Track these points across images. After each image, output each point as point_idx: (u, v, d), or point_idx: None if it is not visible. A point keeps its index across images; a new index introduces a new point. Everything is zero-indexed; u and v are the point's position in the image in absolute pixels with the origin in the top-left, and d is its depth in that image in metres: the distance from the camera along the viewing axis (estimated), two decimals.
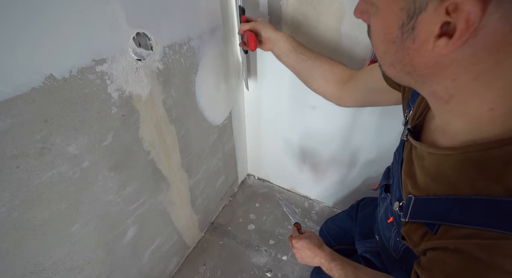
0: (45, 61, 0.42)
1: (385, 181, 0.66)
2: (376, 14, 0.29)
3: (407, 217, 0.39)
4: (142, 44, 0.57)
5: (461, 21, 0.22)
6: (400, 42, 0.28)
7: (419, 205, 0.38)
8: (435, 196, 0.35)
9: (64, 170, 0.51)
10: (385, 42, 0.30)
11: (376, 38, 0.31)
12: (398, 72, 0.32)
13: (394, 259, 0.57)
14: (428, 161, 0.38)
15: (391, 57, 0.30)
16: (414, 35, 0.26)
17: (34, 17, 0.39)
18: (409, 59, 0.28)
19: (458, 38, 0.23)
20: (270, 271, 1.09)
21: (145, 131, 0.66)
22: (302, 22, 0.80)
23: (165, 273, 1.03)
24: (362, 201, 0.92)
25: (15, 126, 0.41)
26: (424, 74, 0.29)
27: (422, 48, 0.26)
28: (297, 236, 0.66)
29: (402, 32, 0.27)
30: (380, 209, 0.65)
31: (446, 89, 0.29)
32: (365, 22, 0.33)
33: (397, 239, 0.54)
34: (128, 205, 0.70)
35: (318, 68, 0.66)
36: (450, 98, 0.30)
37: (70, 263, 0.60)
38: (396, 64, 0.30)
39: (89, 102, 0.51)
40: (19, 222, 0.47)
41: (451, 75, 0.27)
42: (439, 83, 0.29)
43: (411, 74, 0.30)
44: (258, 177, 1.51)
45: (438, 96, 0.31)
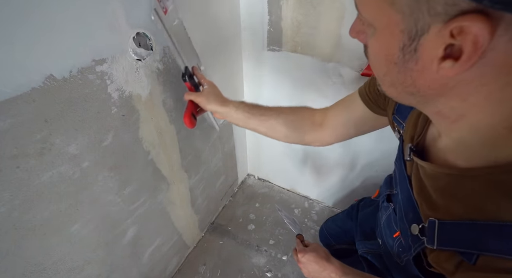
0: (45, 61, 0.42)
1: (388, 191, 0.63)
2: (374, 35, 0.27)
3: (435, 244, 0.35)
4: (142, 44, 0.57)
5: (468, 44, 0.21)
6: (402, 64, 0.26)
7: (446, 230, 0.34)
8: (465, 220, 0.32)
9: (64, 170, 0.51)
10: (385, 63, 0.28)
11: (375, 58, 0.30)
12: (399, 93, 0.30)
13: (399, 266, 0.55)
14: (446, 183, 0.35)
15: (392, 78, 0.29)
16: (417, 56, 0.24)
17: (34, 17, 0.39)
18: (412, 81, 0.27)
19: (465, 61, 0.22)
20: (270, 271, 1.09)
21: (145, 131, 0.66)
22: (302, 22, 0.80)
23: (165, 273, 1.03)
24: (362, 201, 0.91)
25: (15, 126, 0.41)
26: (428, 95, 0.28)
27: (425, 70, 0.25)
28: (302, 250, 0.61)
29: (403, 54, 0.25)
30: (382, 215, 0.64)
31: (453, 109, 0.28)
32: (362, 42, 0.32)
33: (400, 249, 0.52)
34: (128, 205, 0.70)
35: (286, 123, 0.62)
36: (460, 118, 0.28)
37: (70, 263, 0.60)
38: (397, 85, 0.29)
39: (89, 102, 0.51)
40: (19, 222, 0.47)
41: (459, 96, 0.26)
42: (444, 104, 0.28)
43: (414, 95, 0.29)
44: (258, 177, 1.51)
45: (445, 116, 0.30)
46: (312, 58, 0.86)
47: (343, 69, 0.84)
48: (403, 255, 0.51)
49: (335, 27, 0.76)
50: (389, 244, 0.58)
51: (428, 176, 0.38)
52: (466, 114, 0.28)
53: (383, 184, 0.69)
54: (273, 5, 0.81)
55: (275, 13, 0.82)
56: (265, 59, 0.95)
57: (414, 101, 0.30)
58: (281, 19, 0.82)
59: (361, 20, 0.30)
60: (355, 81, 0.85)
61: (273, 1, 0.80)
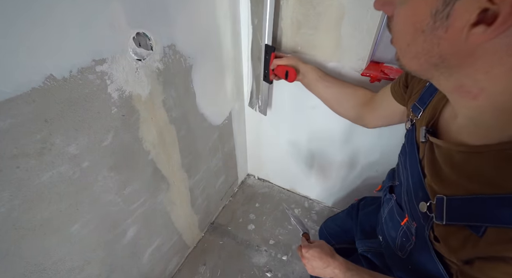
0: (45, 61, 0.42)
1: (390, 182, 0.65)
2: (406, 2, 0.27)
3: (444, 219, 0.36)
4: (142, 44, 0.57)
5: (506, 6, 0.21)
6: (430, 31, 0.26)
7: (455, 205, 0.35)
8: (475, 195, 0.32)
9: (64, 170, 0.51)
10: (411, 32, 0.28)
11: (401, 28, 0.30)
12: (422, 64, 0.30)
13: (400, 259, 0.56)
14: (460, 160, 0.36)
15: (417, 48, 0.28)
16: (448, 23, 0.24)
17: (34, 17, 0.39)
18: (438, 50, 0.27)
19: (500, 25, 0.22)
20: (270, 271, 1.09)
21: (145, 131, 0.66)
22: (302, 22, 0.80)
23: (165, 273, 1.03)
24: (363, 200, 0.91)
25: (15, 126, 0.41)
26: (453, 66, 0.28)
27: (454, 38, 0.25)
28: (307, 245, 0.63)
29: (434, 20, 0.25)
30: (384, 210, 0.65)
31: (476, 82, 0.28)
32: (387, 13, 0.32)
33: (404, 239, 0.53)
34: (128, 205, 0.70)
35: (342, 93, 0.72)
36: (480, 92, 0.28)
37: (70, 263, 0.60)
38: (421, 56, 0.29)
39: (89, 102, 0.51)
40: (19, 222, 0.47)
41: (483, 67, 0.26)
42: (469, 76, 0.28)
43: (437, 66, 0.29)
44: (258, 177, 1.51)
45: (466, 91, 0.29)
46: (312, 58, 0.86)
47: (343, 69, 0.84)
48: (407, 244, 0.52)
49: (335, 27, 0.76)
50: (391, 237, 0.58)
51: (442, 154, 0.39)
52: (487, 88, 0.28)
53: (386, 177, 0.71)
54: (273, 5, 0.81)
55: (275, 13, 0.82)
56: None
57: (437, 73, 0.30)
58: (281, 19, 0.82)
59: None
60: (355, 81, 0.84)
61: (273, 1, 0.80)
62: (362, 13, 0.70)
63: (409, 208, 0.51)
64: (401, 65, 0.33)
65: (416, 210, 0.45)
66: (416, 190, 0.46)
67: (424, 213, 0.42)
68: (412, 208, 0.48)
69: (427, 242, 0.45)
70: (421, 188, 0.43)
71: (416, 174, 0.46)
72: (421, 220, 0.44)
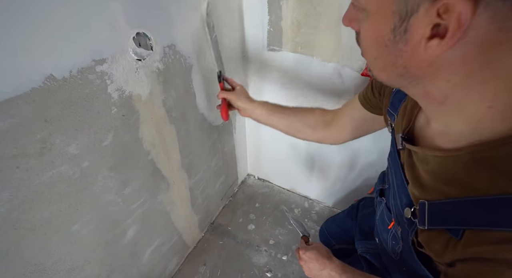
0: (45, 61, 0.42)
1: (380, 186, 0.66)
2: (367, 19, 0.29)
3: (426, 224, 0.37)
4: (142, 44, 0.57)
5: (453, 21, 0.23)
6: (392, 45, 0.28)
7: (436, 210, 0.36)
8: (452, 199, 0.33)
9: (64, 170, 0.51)
10: (376, 46, 0.30)
11: (367, 43, 0.32)
12: (389, 76, 0.32)
13: (394, 260, 0.57)
14: (435, 165, 0.37)
15: (383, 61, 0.30)
16: (406, 37, 0.26)
17: (34, 17, 0.39)
18: (402, 62, 0.28)
19: (450, 38, 0.24)
20: (270, 271, 1.09)
21: (145, 131, 0.66)
22: (302, 22, 0.80)
23: (165, 273, 1.03)
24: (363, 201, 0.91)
25: (15, 126, 0.41)
26: (417, 76, 0.29)
27: (414, 50, 0.27)
28: (304, 247, 0.63)
29: (394, 35, 0.27)
30: (377, 212, 0.65)
31: (439, 90, 0.29)
32: (354, 29, 0.34)
33: (393, 242, 0.54)
34: (128, 205, 0.70)
35: (300, 121, 0.69)
36: (445, 99, 0.30)
37: (70, 263, 0.60)
38: (388, 67, 0.31)
39: (89, 102, 0.51)
40: (19, 222, 0.47)
41: (444, 75, 0.28)
42: (432, 84, 0.29)
43: (403, 76, 0.30)
44: (258, 177, 1.51)
45: (432, 98, 0.31)
46: (312, 58, 0.86)
47: (343, 69, 0.84)
48: (397, 247, 0.52)
49: (335, 27, 0.76)
50: (384, 239, 0.59)
51: (419, 160, 0.40)
52: (451, 95, 0.29)
53: (378, 180, 0.72)
54: (273, 5, 0.81)
55: (275, 13, 0.82)
56: (265, 59, 0.95)
57: (405, 82, 0.32)
58: (281, 19, 0.82)
59: (355, 7, 0.32)
60: (355, 81, 0.85)
61: (273, 1, 0.80)
62: None
63: (395, 213, 0.51)
64: (373, 76, 0.35)
65: (402, 215, 0.46)
66: (400, 195, 0.46)
67: (408, 219, 0.43)
68: (398, 213, 0.49)
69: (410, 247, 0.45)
70: (405, 193, 0.44)
71: (399, 179, 0.46)
72: (406, 225, 0.44)
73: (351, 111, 0.63)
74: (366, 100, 0.58)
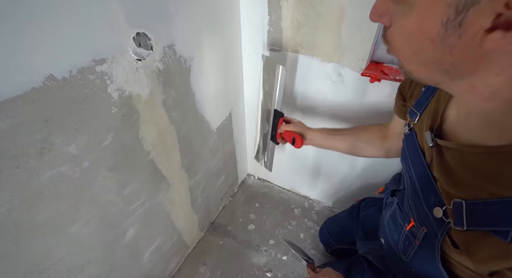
0: (45, 61, 0.42)
1: (394, 186, 0.64)
2: (410, 12, 0.27)
3: (464, 225, 0.35)
4: (142, 44, 0.57)
5: None
6: (440, 40, 0.26)
7: (476, 209, 0.34)
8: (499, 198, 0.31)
9: (64, 170, 0.51)
10: (419, 41, 0.27)
11: (406, 38, 0.29)
12: (431, 72, 0.30)
13: (402, 261, 0.55)
14: (475, 161, 0.34)
15: (426, 56, 0.28)
16: (461, 30, 0.24)
17: (34, 17, 0.39)
18: (451, 57, 0.26)
19: None
20: (270, 271, 1.09)
21: (145, 131, 0.66)
22: (302, 22, 0.80)
23: (165, 273, 1.03)
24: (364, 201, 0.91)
25: (15, 126, 0.41)
26: (465, 71, 0.27)
27: (468, 44, 0.24)
28: (314, 276, 0.59)
29: (446, 29, 0.25)
30: (386, 213, 0.64)
31: (488, 85, 0.28)
32: (385, 24, 0.31)
33: (406, 242, 0.52)
34: (128, 205, 0.70)
35: (360, 140, 0.71)
36: (492, 95, 0.28)
37: (70, 263, 0.60)
38: (431, 63, 0.28)
39: (89, 102, 0.51)
40: (19, 222, 0.47)
41: (496, 70, 0.26)
42: (481, 79, 0.28)
43: (448, 71, 0.28)
44: (258, 177, 1.51)
45: (478, 93, 0.29)
46: (312, 58, 0.86)
47: (343, 69, 0.84)
48: (410, 247, 0.51)
49: (335, 27, 0.76)
50: (394, 240, 0.58)
51: (453, 157, 0.38)
52: (500, 90, 0.27)
53: (391, 181, 0.70)
54: (273, 5, 0.81)
55: (275, 13, 0.82)
56: None
57: (447, 78, 0.30)
58: (281, 19, 0.82)
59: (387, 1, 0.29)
60: (355, 81, 0.84)
61: (273, 1, 0.80)
62: (362, 13, 0.70)
63: (416, 213, 0.49)
64: (406, 71, 0.32)
65: (428, 215, 0.44)
66: (427, 195, 0.44)
67: (439, 219, 0.41)
68: (422, 213, 0.47)
69: (434, 247, 0.43)
70: (433, 192, 0.42)
71: (425, 179, 0.44)
72: (434, 225, 0.43)
73: (395, 123, 0.64)
74: (399, 111, 0.59)
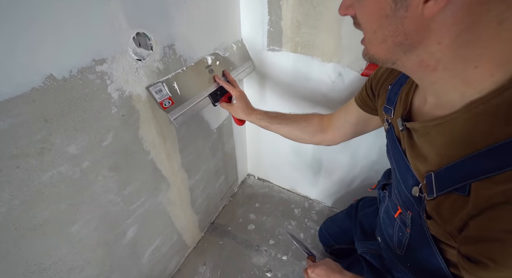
0: (45, 61, 0.42)
1: (385, 181, 0.67)
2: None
3: (435, 192, 0.38)
4: (142, 44, 0.57)
5: None
6: (393, 14, 0.31)
7: (442, 176, 0.37)
8: (456, 160, 0.35)
9: (64, 170, 0.51)
10: (378, 19, 0.33)
11: (368, 19, 0.35)
12: (389, 47, 0.34)
13: (399, 257, 0.56)
14: (435, 134, 0.39)
15: (383, 31, 0.33)
16: (407, 3, 0.29)
17: (34, 17, 0.39)
18: (403, 28, 0.31)
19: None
20: (270, 271, 1.09)
21: (145, 131, 0.66)
22: (302, 22, 0.80)
23: (165, 273, 1.03)
24: (362, 201, 0.92)
25: (15, 126, 0.41)
26: (415, 42, 0.32)
27: (413, 14, 0.30)
28: (312, 265, 0.61)
29: (395, 3, 0.30)
30: (381, 209, 0.66)
31: (432, 54, 0.32)
32: (350, 14, 0.37)
33: (400, 233, 0.54)
34: (128, 205, 0.70)
35: (298, 128, 0.75)
36: (437, 64, 0.32)
37: (70, 263, 0.60)
38: (388, 38, 0.33)
39: (89, 102, 0.51)
40: (19, 222, 0.47)
41: (436, 39, 0.30)
42: (426, 50, 0.32)
43: (402, 45, 0.33)
44: (258, 177, 1.51)
45: (426, 65, 0.33)
46: (312, 58, 0.86)
47: (343, 69, 0.84)
48: (403, 238, 0.53)
49: (335, 27, 0.76)
50: (389, 235, 0.59)
51: (420, 136, 0.42)
52: (442, 58, 0.32)
53: (382, 176, 0.73)
54: (273, 5, 0.81)
55: (275, 13, 0.82)
56: (265, 59, 0.95)
57: (401, 53, 0.34)
58: (281, 19, 0.82)
59: None
60: (355, 81, 0.85)
61: (273, 1, 0.80)
62: None
63: (401, 200, 0.52)
64: (369, 55, 0.38)
65: (409, 197, 0.47)
66: (405, 179, 0.48)
67: (418, 197, 0.44)
68: (405, 198, 0.50)
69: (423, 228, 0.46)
70: (410, 174, 0.46)
71: (402, 164, 0.48)
72: (415, 206, 0.46)
73: (346, 114, 0.68)
74: (362, 101, 0.62)
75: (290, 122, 0.76)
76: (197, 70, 0.75)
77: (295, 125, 0.75)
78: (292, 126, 0.75)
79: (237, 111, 0.79)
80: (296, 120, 0.76)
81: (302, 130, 0.75)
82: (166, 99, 0.67)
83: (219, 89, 0.80)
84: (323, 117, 0.74)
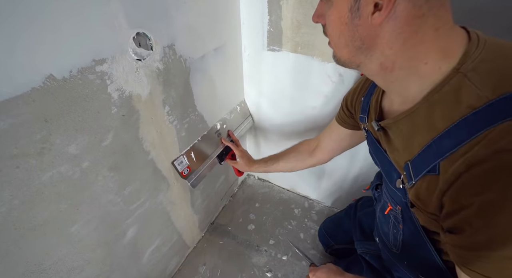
0: (45, 61, 0.42)
1: (378, 181, 0.70)
2: (331, 7, 0.38)
3: (413, 179, 0.42)
4: (142, 44, 0.57)
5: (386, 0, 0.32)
6: (350, 22, 0.37)
7: (416, 163, 0.41)
8: (425, 146, 0.39)
9: (64, 170, 0.51)
10: (339, 26, 0.38)
11: (332, 26, 0.40)
12: (350, 51, 0.40)
13: (396, 255, 0.57)
14: (405, 126, 0.43)
15: (345, 37, 0.39)
16: (359, 13, 0.35)
17: (34, 17, 0.39)
18: (358, 34, 0.37)
19: (384, 10, 0.33)
20: (270, 271, 1.09)
21: (145, 131, 0.66)
22: (302, 22, 0.80)
23: (165, 273, 1.03)
24: (361, 200, 0.92)
25: (15, 126, 0.41)
26: (370, 46, 0.37)
27: (365, 23, 0.35)
28: (313, 269, 0.62)
29: (351, 13, 0.36)
30: (377, 208, 0.66)
31: (387, 57, 0.37)
32: (321, 22, 0.42)
33: (394, 230, 0.55)
34: (128, 205, 0.70)
35: (291, 160, 0.86)
36: (394, 65, 0.38)
37: (70, 263, 0.60)
38: (349, 42, 0.39)
39: (89, 102, 0.51)
40: (19, 222, 0.47)
41: (388, 44, 0.36)
42: (382, 54, 0.37)
43: (361, 48, 0.38)
44: (258, 177, 1.51)
45: (385, 66, 0.38)
46: (312, 58, 0.86)
47: (343, 69, 0.84)
48: (398, 235, 0.54)
49: None
50: (385, 233, 0.60)
51: (394, 132, 0.47)
52: (396, 60, 0.37)
53: (375, 177, 0.76)
54: (273, 5, 0.81)
55: (275, 13, 0.82)
56: (265, 59, 0.95)
57: (362, 56, 0.39)
58: (281, 19, 0.82)
59: (322, 1, 0.41)
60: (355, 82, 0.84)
61: (273, 1, 0.80)
62: None
63: (389, 196, 0.55)
64: (336, 58, 0.43)
65: (395, 192, 0.50)
66: (390, 174, 0.52)
67: (401, 189, 0.47)
68: (392, 193, 0.52)
69: (413, 220, 0.48)
70: (393, 169, 0.50)
71: (386, 162, 0.52)
72: (402, 198, 0.49)
73: (330, 132, 0.75)
74: (341, 120, 0.69)
75: (281, 158, 0.87)
76: (209, 137, 0.92)
77: (286, 158, 0.86)
78: (284, 160, 0.86)
79: (241, 167, 0.95)
80: (286, 154, 0.87)
81: (294, 160, 0.85)
82: (185, 168, 0.83)
83: (225, 149, 0.96)
84: (310, 142, 0.83)
